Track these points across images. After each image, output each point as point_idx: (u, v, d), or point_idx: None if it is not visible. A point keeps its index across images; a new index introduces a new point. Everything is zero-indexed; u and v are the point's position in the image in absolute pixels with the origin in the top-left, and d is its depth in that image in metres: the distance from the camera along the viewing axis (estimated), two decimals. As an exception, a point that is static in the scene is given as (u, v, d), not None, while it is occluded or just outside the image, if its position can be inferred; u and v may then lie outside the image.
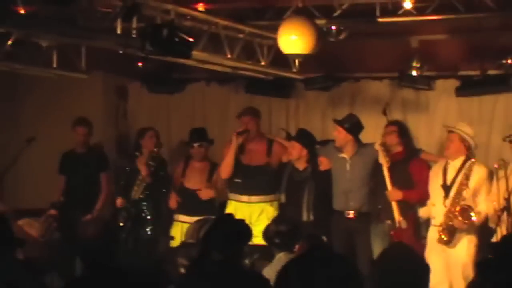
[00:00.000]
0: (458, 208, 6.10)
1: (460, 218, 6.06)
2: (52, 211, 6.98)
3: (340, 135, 6.66)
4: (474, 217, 6.07)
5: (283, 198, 6.84)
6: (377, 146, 6.50)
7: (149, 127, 7.65)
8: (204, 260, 3.92)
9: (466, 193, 6.14)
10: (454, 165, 6.29)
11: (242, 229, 4.08)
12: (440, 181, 6.30)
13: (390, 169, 6.43)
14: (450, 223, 6.12)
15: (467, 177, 6.16)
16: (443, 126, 6.67)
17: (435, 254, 6.17)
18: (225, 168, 6.90)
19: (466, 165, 6.23)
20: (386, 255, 3.83)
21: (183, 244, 4.55)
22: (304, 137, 6.90)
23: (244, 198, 6.87)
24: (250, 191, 6.85)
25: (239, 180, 6.88)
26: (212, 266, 3.88)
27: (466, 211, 6.09)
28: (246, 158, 6.93)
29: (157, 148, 7.22)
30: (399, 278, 3.35)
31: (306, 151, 6.77)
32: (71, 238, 5.47)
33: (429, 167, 6.64)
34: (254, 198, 6.86)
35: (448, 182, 6.27)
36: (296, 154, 6.75)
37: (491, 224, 6.24)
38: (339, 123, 6.72)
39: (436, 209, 6.30)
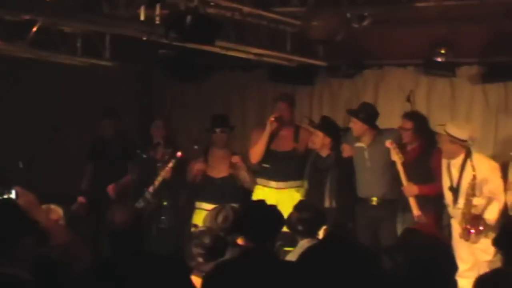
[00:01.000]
0: (469, 217, 6.05)
1: (471, 228, 6.02)
2: (81, 198, 7.05)
3: (356, 126, 6.62)
4: (483, 226, 6.01)
5: (306, 185, 6.84)
6: (388, 144, 6.43)
7: (161, 116, 7.68)
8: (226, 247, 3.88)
9: (476, 201, 6.08)
10: (455, 164, 6.21)
11: (275, 216, 4.06)
12: (447, 183, 6.25)
13: (407, 165, 6.37)
14: (466, 226, 6.08)
15: (472, 188, 6.05)
16: (435, 127, 6.49)
17: (461, 243, 6.13)
18: (256, 153, 6.91)
19: (467, 166, 6.09)
20: (402, 242, 3.80)
21: (194, 234, 4.56)
22: (327, 125, 6.88)
23: (272, 183, 6.89)
24: (278, 176, 6.86)
25: (267, 166, 6.90)
26: (243, 255, 3.85)
27: (476, 219, 6.03)
28: (273, 144, 6.94)
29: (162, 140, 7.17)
30: (425, 263, 3.33)
31: (329, 139, 6.75)
32: (99, 223, 5.51)
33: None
34: (281, 184, 6.87)
35: (454, 183, 6.21)
36: (319, 143, 6.73)
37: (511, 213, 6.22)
38: (353, 114, 6.69)
39: (451, 209, 6.28)
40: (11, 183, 4.44)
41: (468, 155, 6.12)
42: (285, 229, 5.14)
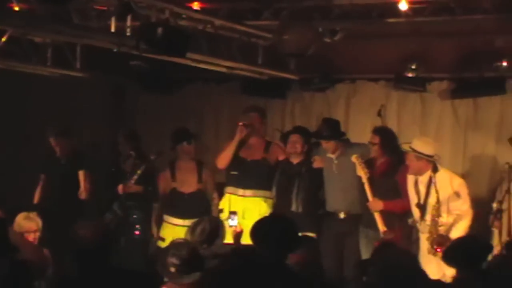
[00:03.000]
0: (436, 237, 6.07)
1: (437, 248, 6.04)
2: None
3: (327, 145, 6.63)
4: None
5: (273, 192, 6.80)
6: (354, 159, 6.43)
7: (123, 129, 7.66)
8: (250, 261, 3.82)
9: (443, 219, 6.10)
10: (423, 180, 6.21)
11: (295, 232, 4.05)
12: (414, 199, 6.27)
13: (373, 180, 6.37)
14: (433, 246, 6.10)
15: (437, 210, 6.05)
16: (401, 144, 6.46)
17: (428, 257, 6.14)
18: (223, 159, 6.86)
19: (433, 185, 6.09)
20: (377, 255, 3.83)
21: (172, 244, 4.55)
22: (304, 132, 6.89)
23: (240, 191, 6.86)
24: (245, 184, 6.83)
25: (235, 173, 6.87)
26: (260, 268, 3.80)
27: (443, 239, 6.04)
28: (244, 152, 6.91)
29: (133, 152, 7.16)
30: (394, 276, 3.35)
31: (306, 145, 6.76)
32: (55, 237, 5.44)
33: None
34: (248, 192, 6.84)
35: (422, 200, 6.20)
36: (300, 147, 6.71)
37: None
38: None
39: (419, 225, 6.30)
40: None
41: (434, 171, 6.14)
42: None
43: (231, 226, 5.78)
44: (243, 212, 6.54)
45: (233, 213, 6.10)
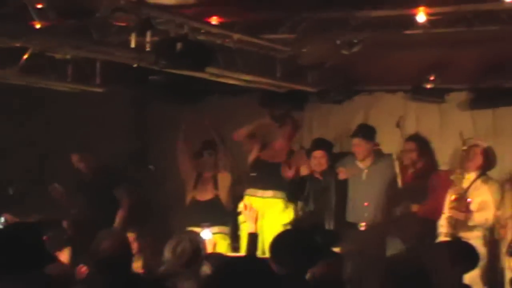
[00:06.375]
0: (454, 197, 6.11)
1: (455, 209, 6.05)
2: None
3: (360, 148, 6.65)
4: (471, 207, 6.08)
5: (311, 206, 6.81)
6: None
7: None
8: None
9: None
10: (469, 178, 6.26)
11: (315, 245, 4.06)
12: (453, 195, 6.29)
13: (409, 185, 6.43)
14: (453, 230, 6.11)
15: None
16: (466, 139, 6.58)
17: None
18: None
19: (478, 181, 6.20)
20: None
21: (210, 255, 4.60)
22: (327, 146, 6.93)
23: (259, 192, 6.90)
24: (264, 186, 6.88)
25: (254, 174, 6.94)
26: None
27: (462, 199, 6.09)
28: (264, 154, 6.98)
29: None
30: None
31: (330, 159, 6.80)
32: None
33: (448, 181, 6.55)
34: (268, 193, 6.86)
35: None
36: (325, 163, 6.75)
37: (496, 236, 6.28)
38: (355, 134, 6.74)
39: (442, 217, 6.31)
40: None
41: (484, 172, 6.34)
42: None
43: None
44: (262, 214, 6.60)
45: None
